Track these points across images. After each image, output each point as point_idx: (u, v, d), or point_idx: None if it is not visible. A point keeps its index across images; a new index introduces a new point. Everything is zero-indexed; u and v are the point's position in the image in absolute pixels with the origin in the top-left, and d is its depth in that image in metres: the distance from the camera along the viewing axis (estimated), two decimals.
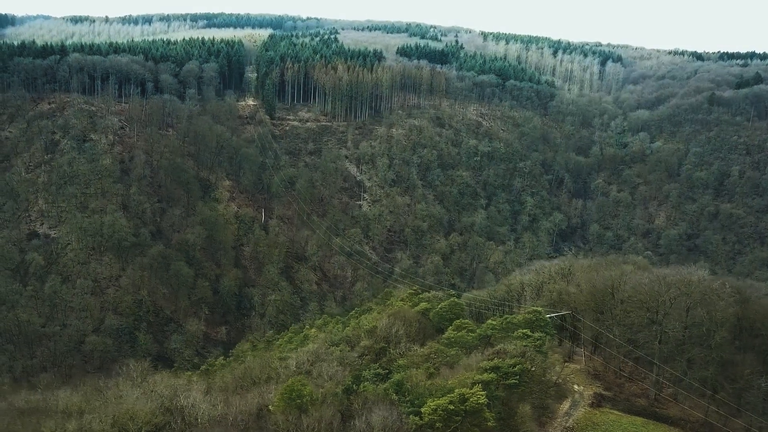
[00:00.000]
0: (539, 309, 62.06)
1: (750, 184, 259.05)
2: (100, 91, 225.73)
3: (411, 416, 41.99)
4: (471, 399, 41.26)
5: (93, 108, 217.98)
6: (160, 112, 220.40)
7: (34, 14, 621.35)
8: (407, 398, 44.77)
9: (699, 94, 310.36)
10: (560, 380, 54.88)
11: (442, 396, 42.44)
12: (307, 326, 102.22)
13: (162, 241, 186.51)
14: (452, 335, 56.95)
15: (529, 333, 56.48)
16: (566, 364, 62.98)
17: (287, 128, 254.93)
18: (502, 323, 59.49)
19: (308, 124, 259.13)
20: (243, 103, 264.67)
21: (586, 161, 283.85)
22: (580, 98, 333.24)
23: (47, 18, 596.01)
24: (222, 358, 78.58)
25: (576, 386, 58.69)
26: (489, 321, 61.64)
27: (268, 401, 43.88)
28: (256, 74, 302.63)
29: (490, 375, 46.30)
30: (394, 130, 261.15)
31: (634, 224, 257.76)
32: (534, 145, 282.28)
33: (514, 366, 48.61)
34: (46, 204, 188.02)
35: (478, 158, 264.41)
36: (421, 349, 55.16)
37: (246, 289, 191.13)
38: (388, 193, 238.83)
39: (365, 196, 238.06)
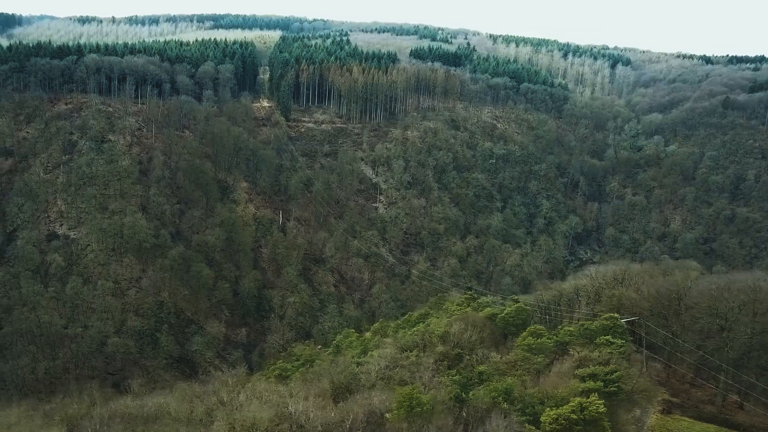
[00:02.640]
0: (615, 315, 61.38)
1: (766, 188, 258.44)
2: (117, 92, 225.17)
3: (526, 425, 41.32)
4: (590, 408, 40.58)
5: (110, 109, 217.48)
6: (177, 113, 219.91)
7: (38, 14, 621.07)
8: (517, 406, 44.08)
9: (713, 97, 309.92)
10: (641, 387, 54.04)
11: (557, 404, 41.71)
12: (368, 332, 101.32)
13: (181, 242, 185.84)
14: (532, 342, 56.27)
15: (611, 339, 55.85)
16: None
17: (303, 130, 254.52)
18: (579, 330, 58.84)
19: (323, 125, 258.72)
20: (258, 104, 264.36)
21: (600, 164, 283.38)
22: (593, 101, 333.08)
23: (52, 18, 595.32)
24: (298, 363, 77.33)
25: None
26: (565, 327, 61.02)
27: (372, 407, 42.88)
28: (269, 76, 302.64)
29: (597, 383, 45.58)
30: (409, 132, 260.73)
31: (649, 228, 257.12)
32: (549, 148, 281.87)
33: (612, 373, 47.96)
34: (65, 205, 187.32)
35: (494, 161, 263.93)
36: (506, 356, 54.42)
37: (265, 291, 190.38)
38: (404, 195, 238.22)
39: (381, 198, 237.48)
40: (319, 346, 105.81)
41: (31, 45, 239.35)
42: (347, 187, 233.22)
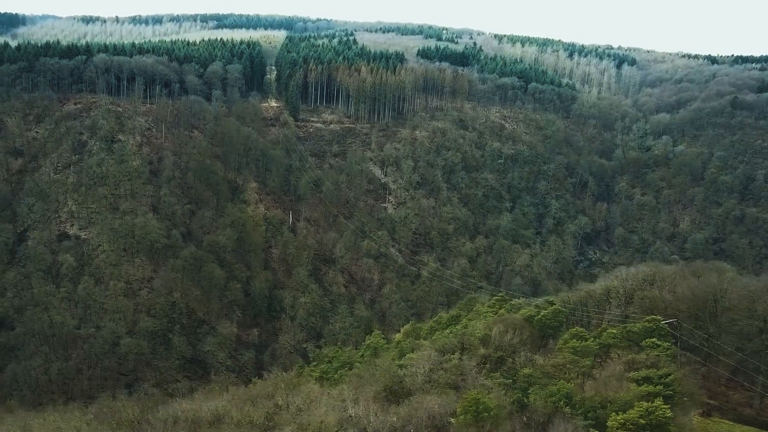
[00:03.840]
0: (658, 318, 60.82)
1: None
2: (126, 92, 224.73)
3: (591, 429, 40.72)
4: (656, 412, 39.98)
5: (120, 109, 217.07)
6: (187, 113, 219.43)
7: (40, 14, 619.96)
8: (578, 410, 43.46)
9: (720, 97, 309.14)
10: (688, 389, 53.36)
11: (620, 409, 41.04)
12: (398, 332, 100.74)
13: (192, 243, 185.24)
14: (577, 344, 55.66)
15: (657, 342, 55.25)
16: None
17: (311, 130, 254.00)
18: (621, 332, 58.24)
19: (332, 126, 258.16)
20: (266, 104, 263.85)
21: (609, 165, 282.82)
22: (600, 101, 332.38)
23: (55, 18, 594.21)
24: (337, 365, 76.39)
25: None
26: (608, 329, 60.44)
27: (432, 411, 42.21)
28: (275, 76, 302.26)
29: (657, 387, 44.95)
30: (417, 132, 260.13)
31: (659, 228, 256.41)
32: (557, 148, 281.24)
33: (666, 376, 47.36)
34: (75, 205, 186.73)
35: (502, 161, 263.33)
36: (554, 359, 53.79)
37: (276, 292, 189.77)
38: (413, 195, 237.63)
39: (390, 198, 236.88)
40: (349, 348, 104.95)
41: (39, 45, 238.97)
42: (356, 187, 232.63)
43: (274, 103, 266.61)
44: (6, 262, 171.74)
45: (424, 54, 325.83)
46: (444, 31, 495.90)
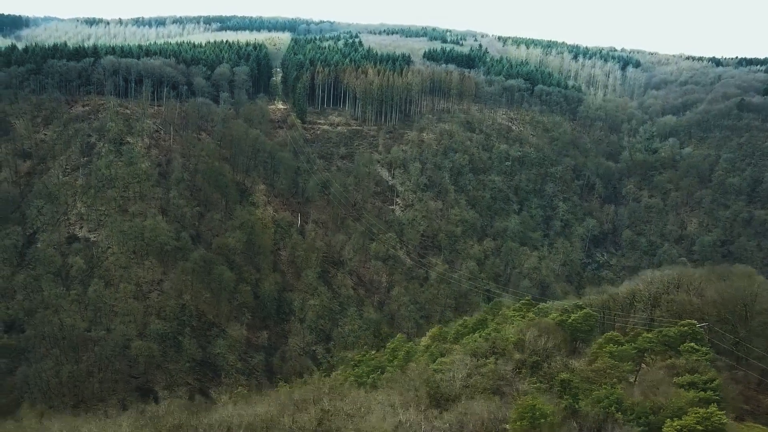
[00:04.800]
0: (693, 322, 60.35)
1: None
2: (134, 94, 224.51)
3: None
4: (712, 419, 39.53)
5: (128, 111, 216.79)
6: (195, 115, 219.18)
7: (42, 15, 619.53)
8: (630, 416, 43.02)
9: (727, 100, 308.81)
10: (728, 394, 52.84)
11: (674, 415, 40.56)
12: (424, 337, 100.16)
13: (202, 245, 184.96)
14: (614, 349, 55.22)
15: (696, 347, 54.74)
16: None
17: (318, 132, 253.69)
18: (657, 336, 57.76)
19: (339, 128, 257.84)
20: (273, 106, 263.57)
21: (616, 167, 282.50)
22: (606, 103, 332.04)
23: (59, 20, 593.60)
24: (368, 369, 75.82)
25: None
26: (644, 334, 59.97)
27: (481, 417, 41.72)
28: (281, 77, 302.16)
29: (708, 393, 44.48)
30: (424, 134, 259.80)
31: (666, 230, 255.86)
32: (564, 150, 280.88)
33: (711, 381, 46.91)
34: (84, 207, 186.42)
35: (509, 163, 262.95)
36: (594, 364, 53.27)
37: (285, 294, 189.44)
38: (420, 197, 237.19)
39: (398, 200, 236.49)
40: (374, 351, 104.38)
41: (47, 47, 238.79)
42: (364, 189, 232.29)
43: (281, 105, 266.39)
44: (15, 264, 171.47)
45: (430, 56, 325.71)
46: (448, 33, 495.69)
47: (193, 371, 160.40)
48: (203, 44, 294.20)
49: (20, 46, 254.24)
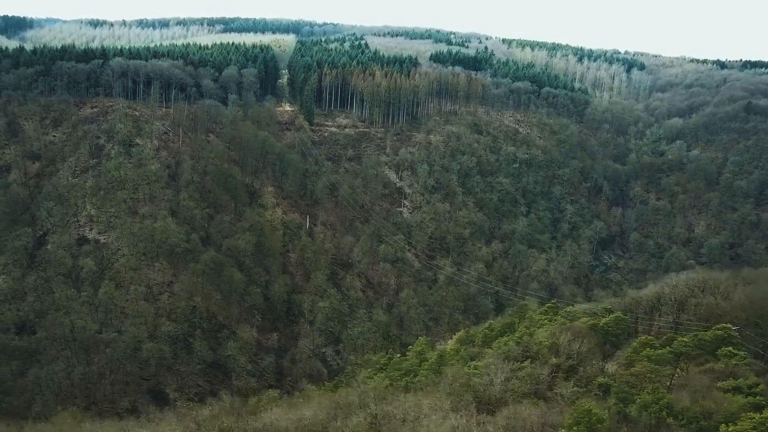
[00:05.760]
0: (728, 326, 60.15)
1: None
2: (142, 96, 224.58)
3: None
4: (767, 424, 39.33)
5: (136, 113, 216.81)
6: (204, 117, 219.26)
7: (44, 17, 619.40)
8: (681, 422, 42.75)
9: (734, 102, 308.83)
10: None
11: (727, 420, 40.31)
12: (451, 339, 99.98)
13: (212, 247, 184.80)
14: (651, 353, 54.96)
15: (734, 351, 54.55)
16: None
17: (326, 134, 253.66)
18: (692, 340, 57.52)
19: (346, 130, 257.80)
20: (280, 108, 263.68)
21: (623, 169, 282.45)
22: (613, 106, 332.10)
23: (57, 21, 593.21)
24: (400, 373, 75.42)
25: None
26: (679, 338, 59.69)
27: (531, 422, 41.49)
28: (287, 79, 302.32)
29: (758, 398, 44.20)
30: (432, 136, 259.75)
31: (674, 233, 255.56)
32: (572, 152, 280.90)
33: (756, 385, 46.66)
34: (94, 209, 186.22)
35: (517, 165, 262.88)
36: (633, 368, 52.98)
37: (294, 296, 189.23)
38: (428, 200, 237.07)
39: (406, 202, 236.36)
40: (398, 355, 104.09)
41: (56, 48, 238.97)
42: (372, 191, 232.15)
43: (288, 107, 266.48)
44: (26, 266, 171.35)
45: (436, 58, 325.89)
46: (452, 36, 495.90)
47: (203, 373, 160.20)
48: (210, 46, 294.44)
49: (25, 47, 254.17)
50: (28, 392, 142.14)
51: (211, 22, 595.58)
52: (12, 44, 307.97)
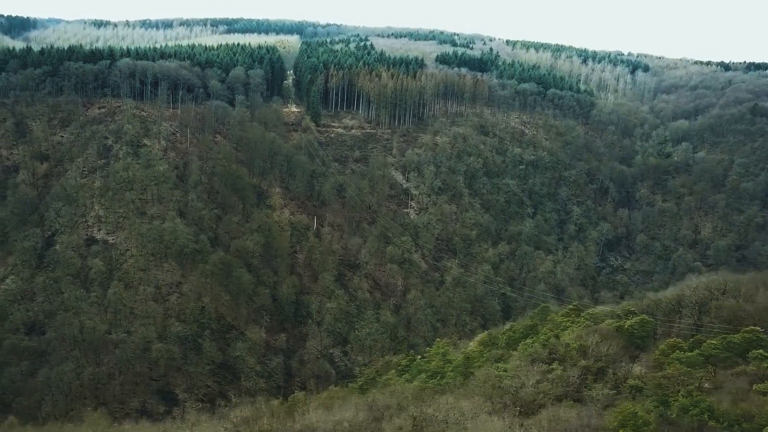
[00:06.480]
0: (756, 328, 60.07)
1: None
2: (150, 96, 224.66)
3: None
4: None
5: (144, 113, 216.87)
6: (212, 118, 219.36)
7: (46, 17, 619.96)
8: (722, 425, 42.63)
9: (740, 104, 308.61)
10: None
11: None
12: (473, 341, 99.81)
13: (220, 248, 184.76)
14: (682, 356, 54.82)
15: (765, 353, 54.39)
16: None
17: (332, 135, 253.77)
18: (722, 343, 57.40)
19: (353, 131, 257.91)
20: (287, 109, 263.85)
21: (629, 171, 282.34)
22: (619, 107, 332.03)
23: (61, 22, 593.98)
24: (427, 375, 75.22)
25: None
26: (708, 340, 59.56)
27: (572, 424, 41.41)
28: (292, 80, 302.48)
29: None
30: (438, 137, 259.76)
31: (680, 235, 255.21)
32: (578, 154, 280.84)
33: None
34: (102, 209, 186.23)
35: (523, 167, 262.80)
36: (666, 370, 52.85)
37: (302, 297, 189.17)
38: (435, 201, 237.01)
39: (412, 204, 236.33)
40: (419, 357, 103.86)
41: (63, 49, 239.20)
42: (379, 192, 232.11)
43: (294, 108, 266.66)
44: (34, 266, 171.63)
45: (442, 60, 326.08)
46: (456, 37, 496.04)
47: (212, 374, 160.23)
48: (216, 47, 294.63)
49: (27, 47, 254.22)
50: (38, 392, 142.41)
51: (215, 23, 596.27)
52: (16, 45, 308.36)
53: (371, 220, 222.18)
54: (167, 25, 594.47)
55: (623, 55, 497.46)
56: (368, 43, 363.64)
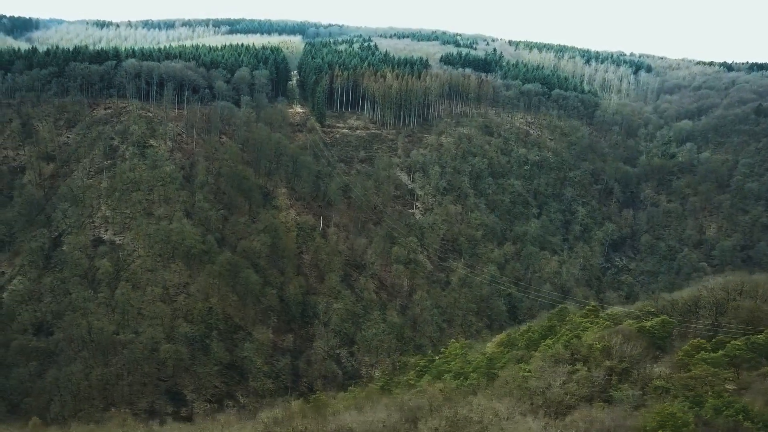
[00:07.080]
0: None
1: None
2: (155, 97, 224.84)
3: None
4: None
5: (150, 114, 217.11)
6: (218, 119, 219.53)
7: (47, 17, 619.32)
8: (757, 425, 42.65)
9: (743, 104, 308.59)
10: None
11: None
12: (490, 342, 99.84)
13: (227, 248, 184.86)
14: (707, 357, 54.86)
15: None
16: None
17: (337, 136, 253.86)
18: (745, 344, 57.45)
19: (358, 131, 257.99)
20: (292, 110, 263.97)
21: (634, 171, 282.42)
22: (623, 107, 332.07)
23: (63, 22, 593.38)
24: (450, 376, 75.16)
25: None
26: (732, 341, 59.61)
27: (604, 425, 41.40)
28: (296, 81, 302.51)
29: None
30: (443, 138, 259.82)
31: (685, 235, 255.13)
32: (582, 154, 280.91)
33: None
34: (109, 210, 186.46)
35: (528, 167, 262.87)
36: (692, 371, 52.81)
37: (309, 297, 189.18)
38: (440, 201, 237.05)
39: (418, 204, 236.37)
40: (437, 357, 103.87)
41: (68, 49, 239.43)
42: (384, 193, 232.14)
43: (299, 109, 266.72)
44: (42, 267, 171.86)
45: (447, 60, 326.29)
46: (458, 37, 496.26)
47: (220, 374, 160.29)
48: (221, 47, 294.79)
49: (33, 48, 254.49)
50: (46, 393, 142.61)
51: (217, 23, 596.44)
52: (19, 45, 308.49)
53: (377, 221, 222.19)
54: (169, 25, 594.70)
55: (626, 55, 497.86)
56: (372, 43, 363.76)
